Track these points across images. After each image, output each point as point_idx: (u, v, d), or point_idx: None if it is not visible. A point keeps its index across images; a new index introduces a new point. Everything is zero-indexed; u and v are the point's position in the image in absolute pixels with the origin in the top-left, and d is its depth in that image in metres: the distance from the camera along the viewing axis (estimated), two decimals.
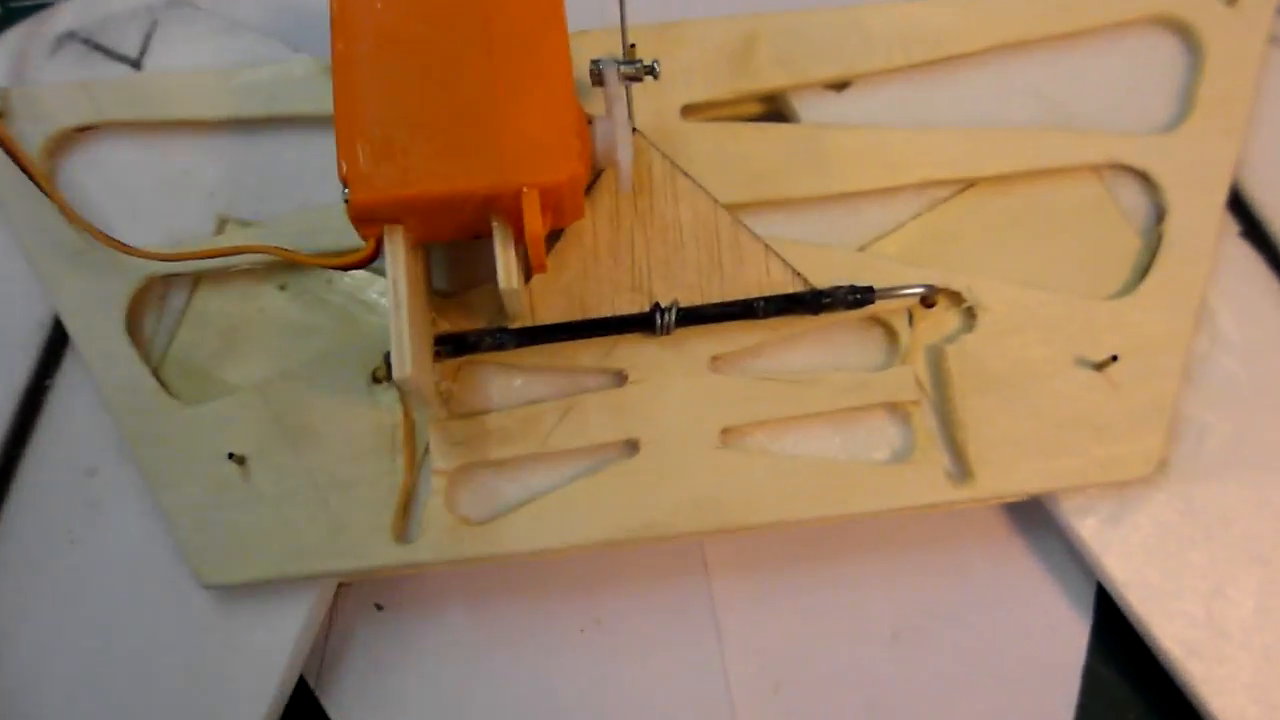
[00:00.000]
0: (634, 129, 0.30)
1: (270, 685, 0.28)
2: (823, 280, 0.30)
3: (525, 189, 0.24)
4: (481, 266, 0.27)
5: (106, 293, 0.29)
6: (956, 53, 0.32)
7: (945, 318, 0.30)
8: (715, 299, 0.29)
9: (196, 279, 0.30)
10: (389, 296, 0.25)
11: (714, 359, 0.29)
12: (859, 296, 0.29)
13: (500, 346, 0.28)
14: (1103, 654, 0.30)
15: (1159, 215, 0.32)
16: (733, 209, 0.31)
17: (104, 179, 0.31)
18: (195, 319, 0.30)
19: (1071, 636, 0.30)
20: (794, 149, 0.31)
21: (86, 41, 0.33)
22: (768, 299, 0.29)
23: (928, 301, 0.30)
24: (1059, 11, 0.33)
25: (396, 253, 0.25)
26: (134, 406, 0.29)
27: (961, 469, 0.29)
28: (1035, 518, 0.31)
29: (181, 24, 0.33)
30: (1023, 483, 0.29)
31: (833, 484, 0.29)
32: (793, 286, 0.29)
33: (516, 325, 0.29)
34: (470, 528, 0.28)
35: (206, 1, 0.34)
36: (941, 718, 0.30)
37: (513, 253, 0.25)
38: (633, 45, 0.31)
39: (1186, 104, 0.32)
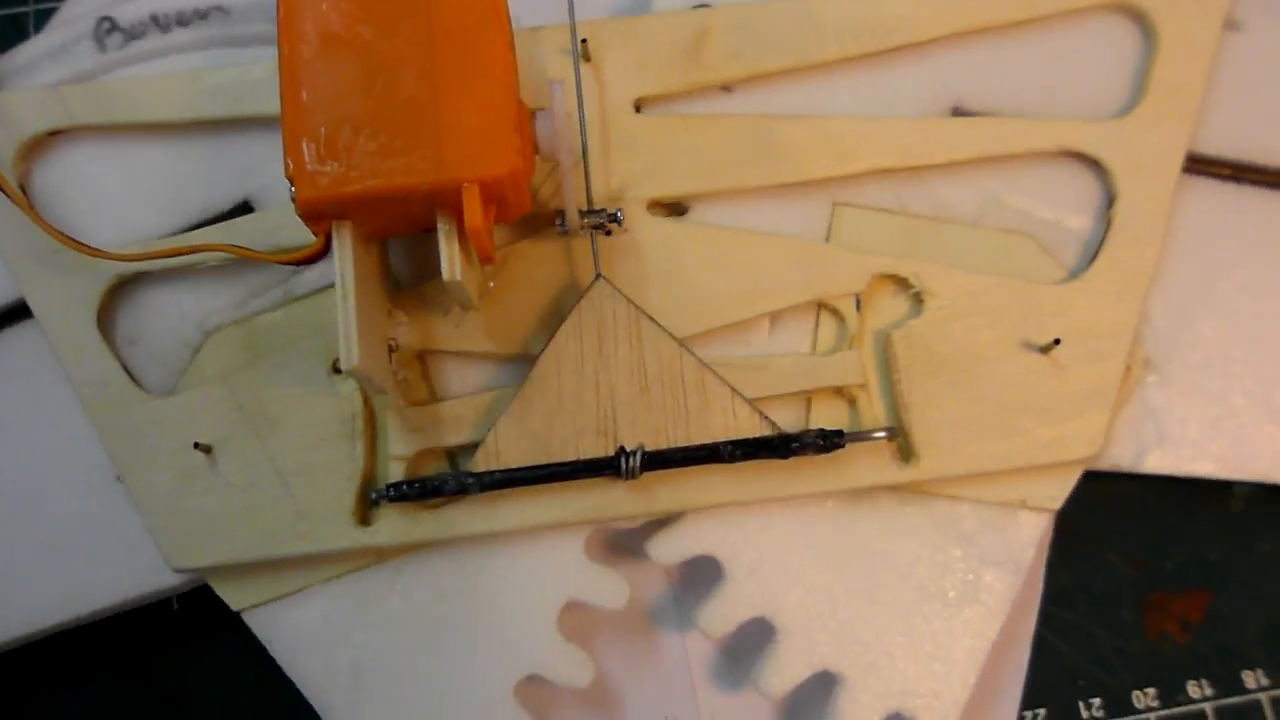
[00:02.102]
0: (598, 274, 0.30)
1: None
2: (769, 271, 0.30)
3: (465, 184, 0.25)
4: (437, 260, 0.28)
5: (78, 292, 0.30)
6: (909, 41, 0.33)
7: (893, 303, 0.31)
8: (681, 442, 0.29)
9: None
10: (337, 290, 0.26)
11: None
12: (827, 441, 0.29)
13: (464, 491, 0.28)
14: (1053, 623, 0.31)
15: (1109, 200, 0.32)
16: (685, 199, 0.32)
17: (78, 181, 0.32)
18: None
19: (1023, 608, 0.31)
20: (745, 139, 0.32)
21: None
22: (735, 443, 0.29)
23: (892, 437, 0.30)
24: None
25: (344, 248, 0.26)
26: (105, 400, 0.30)
27: (907, 451, 0.30)
28: None
29: None
30: (967, 464, 0.29)
31: (779, 466, 0.29)
32: (760, 430, 0.29)
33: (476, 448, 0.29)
34: (428, 511, 0.29)
35: None
36: None
37: (456, 246, 0.26)
38: (584, 40, 0.32)
39: (1139, 90, 0.33)
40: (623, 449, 0.28)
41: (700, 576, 0.30)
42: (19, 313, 0.31)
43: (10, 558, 0.30)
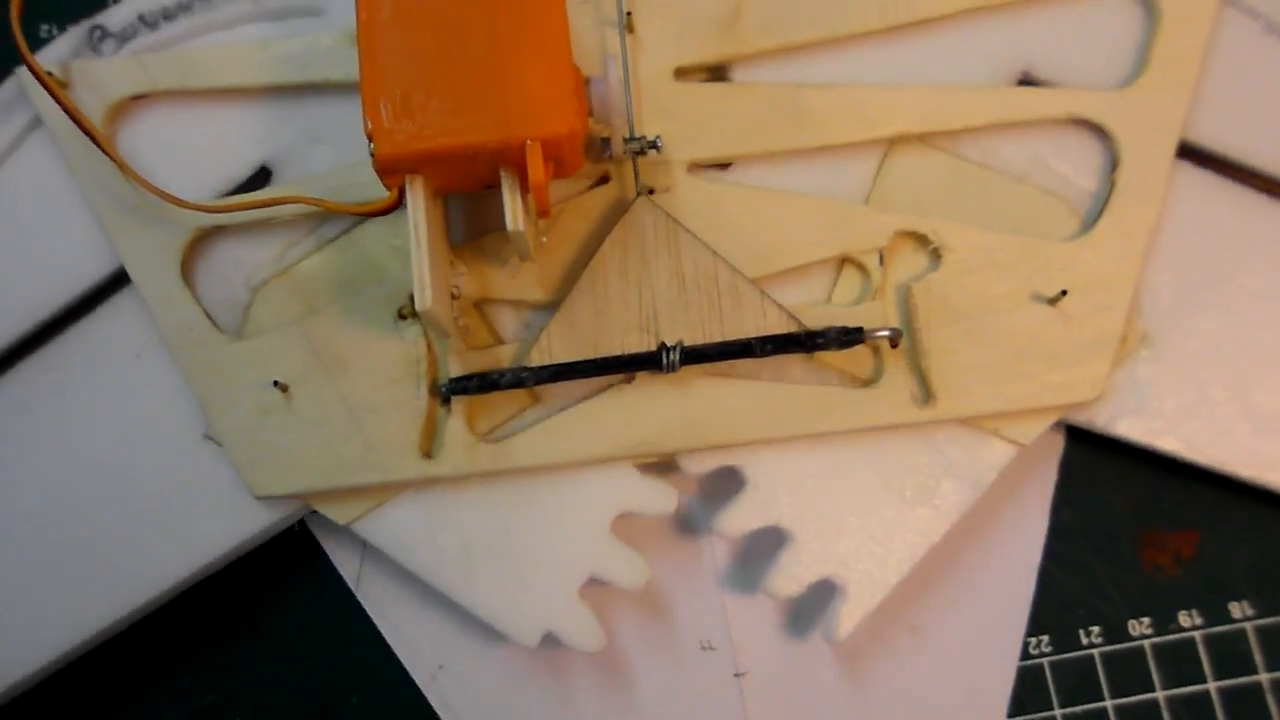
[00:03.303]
0: (639, 191, 0.33)
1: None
2: (799, 228, 0.33)
3: (529, 141, 0.28)
4: (494, 216, 0.30)
5: (162, 242, 0.33)
6: (929, 15, 0.35)
7: (913, 258, 0.33)
8: (717, 339, 0.32)
9: None
10: (411, 238, 0.28)
11: None
12: (849, 336, 0.31)
13: (521, 383, 0.31)
14: (1056, 557, 0.34)
15: (1113, 165, 0.34)
16: (720, 161, 0.34)
17: (159, 143, 0.34)
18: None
19: (1029, 543, 0.34)
20: (776, 106, 0.34)
21: None
22: (765, 339, 0.31)
23: (894, 342, 0.32)
24: None
25: (417, 199, 0.29)
26: (189, 342, 0.32)
27: (925, 393, 0.32)
28: None
29: None
30: (981, 405, 0.32)
31: (809, 406, 0.32)
32: (788, 327, 0.32)
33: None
34: (487, 445, 0.32)
35: None
36: (913, 611, 0.33)
37: (519, 198, 0.29)
38: (629, 13, 0.34)
39: (1141, 61, 0.35)
40: (664, 344, 0.31)
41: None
42: (96, 298, 0.34)
43: (118, 530, 0.32)
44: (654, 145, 0.32)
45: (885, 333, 0.32)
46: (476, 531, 0.32)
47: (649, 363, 0.31)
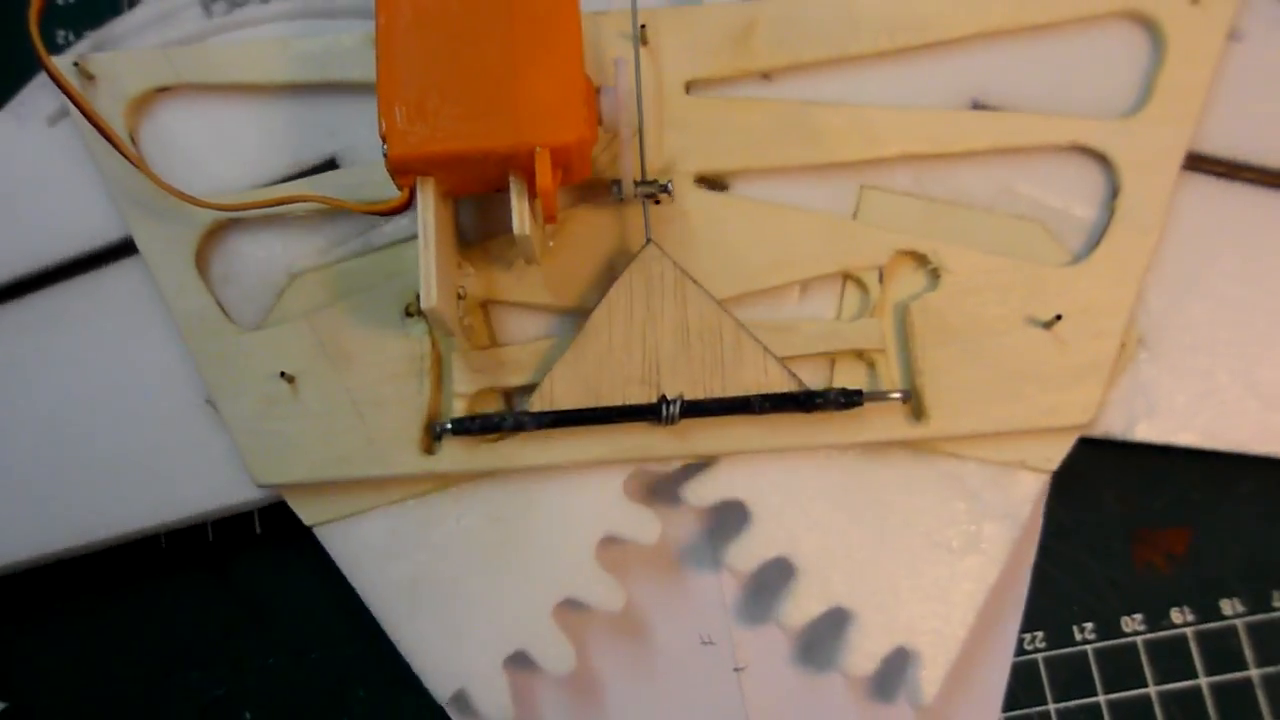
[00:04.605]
0: (649, 239, 0.33)
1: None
2: (800, 243, 0.34)
3: (538, 148, 0.28)
4: (502, 220, 0.31)
5: (178, 234, 0.34)
6: (938, 39, 0.36)
7: (912, 277, 0.34)
8: (717, 394, 0.32)
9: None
10: (419, 237, 0.29)
11: None
12: (847, 399, 0.32)
13: (521, 427, 0.32)
14: (1050, 555, 0.34)
15: (1113, 192, 0.35)
16: (729, 175, 0.35)
17: (184, 133, 0.35)
18: None
19: (1024, 541, 0.34)
20: (785, 122, 0.35)
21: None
22: (765, 396, 0.32)
23: (907, 399, 0.33)
24: (1036, 4, 0.36)
25: (427, 200, 0.29)
26: (201, 331, 0.33)
27: (919, 410, 0.33)
28: None
29: None
30: (973, 424, 0.32)
31: (803, 420, 0.32)
32: (788, 385, 0.32)
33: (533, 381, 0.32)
34: (487, 444, 0.32)
35: None
36: None
37: (526, 203, 0.29)
38: (643, 26, 0.35)
39: (1146, 92, 0.36)
40: (664, 397, 0.32)
41: (729, 519, 0.33)
42: (121, 250, 0.35)
43: (107, 466, 0.33)
44: (665, 189, 0.32)
45: (896, 395, 0.32)
46: (429, 568, 0.32)
47: (648, 414, 0.32)
